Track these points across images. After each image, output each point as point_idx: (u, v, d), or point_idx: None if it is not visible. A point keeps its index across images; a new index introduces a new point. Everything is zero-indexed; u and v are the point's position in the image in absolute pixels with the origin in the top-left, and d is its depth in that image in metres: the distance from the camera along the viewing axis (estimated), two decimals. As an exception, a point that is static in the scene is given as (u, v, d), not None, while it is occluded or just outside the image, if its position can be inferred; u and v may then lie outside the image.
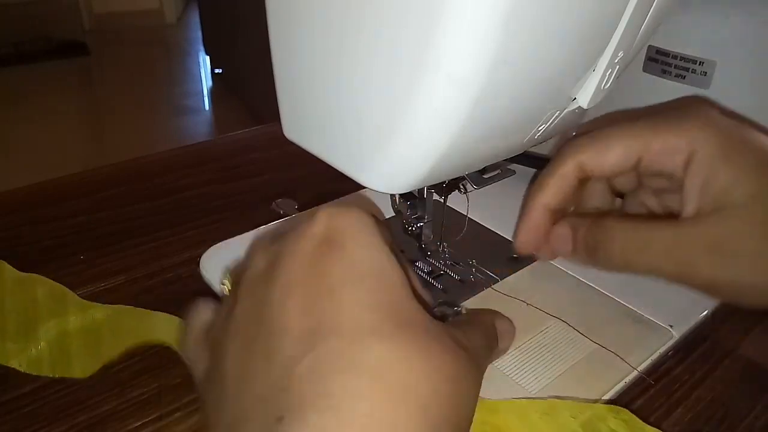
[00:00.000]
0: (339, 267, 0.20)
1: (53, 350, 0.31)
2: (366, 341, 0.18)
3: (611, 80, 0.26)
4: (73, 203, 0.45)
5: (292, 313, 0.20)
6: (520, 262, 0.37)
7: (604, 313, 0.33)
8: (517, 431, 0.25)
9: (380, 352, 0.18)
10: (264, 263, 0.22)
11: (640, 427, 0.25)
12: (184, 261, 0.38)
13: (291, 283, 0.20)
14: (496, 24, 0.19)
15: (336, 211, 0.22)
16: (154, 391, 0.29)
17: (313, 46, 0.24)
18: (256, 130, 0.59)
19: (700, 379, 0.30)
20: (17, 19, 2.90)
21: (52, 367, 0.30)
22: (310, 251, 0.21)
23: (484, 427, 0.25)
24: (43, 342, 0.31)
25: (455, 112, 0.21)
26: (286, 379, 0.18)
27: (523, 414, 0.26)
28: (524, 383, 0.28)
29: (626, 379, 0.29)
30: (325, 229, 0.21)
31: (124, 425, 0.27)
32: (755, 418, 0.28)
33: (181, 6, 3.71)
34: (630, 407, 0.28)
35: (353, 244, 0.21)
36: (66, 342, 0.31)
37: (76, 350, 0.31)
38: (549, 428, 0.25)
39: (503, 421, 0.25)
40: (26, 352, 0.30)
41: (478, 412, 0.23)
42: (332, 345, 0.18)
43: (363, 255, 0.21)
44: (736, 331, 0.33)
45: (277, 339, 0.19)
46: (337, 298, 0.20)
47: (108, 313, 0.33)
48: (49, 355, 0.30)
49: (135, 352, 0.31)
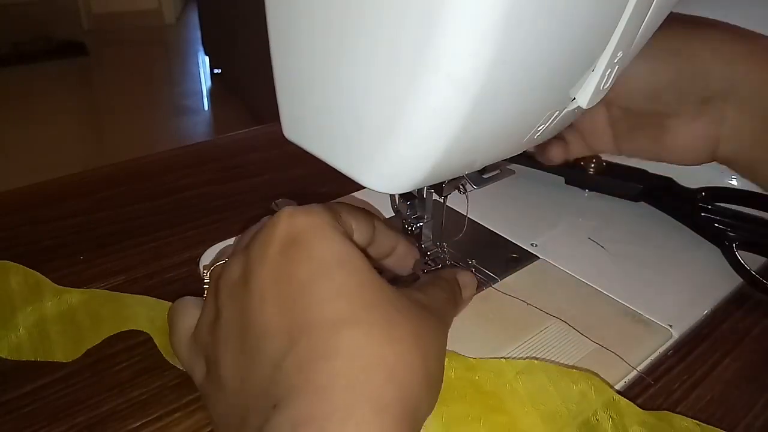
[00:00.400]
0: (305, 265, 0.22)
1: (33, 336, 0.31)
2: (337, 329, 0.21)
3: (611, 80, 0.26)
4: (73, 203, 0.45)
5: (271, 317, 0.22)
6: (519, 262, 0.37)
7: (603, 313, 0.33)
8: (493, 388, 0.26)
9: (350, 336, 0.20)
10: (238, 269, 0.24)
11: (607, 390, 0.27)
12: (184, 261, 0.38)
13: (264, 289, 0.22)
14: (495, 24, 0.19)
15: (295, 212, 0.23)
16: (154, 391, 0.29)
17: (313, 46, 0.24)
18: (256, 130, 0.59)
19: (700, 379, 0.30)
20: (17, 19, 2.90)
21: (34, 351, 0.30)
22: (277, 255, 0.22)
23: (461, 383, 0.26)
24: (22, 328, 0.31)
25: (455, 112, 0.21)
26: (276, 374, 0.21)
27: (500, 371, 0.27)
28: (524, 383, 0.28)
29: (626, 378, 0.29)
30: (287, 230, 0.23)
31: (124, 425, 0.27)
32: (754, 417, 0.28)
33: (180, 6, 3.70)
34: (629, 407, 0.28)
35: (315, 240, 0.23)
36: (45, 327, 0.32)
37: (56, 336, 0.31)
38: (524, 387, 0.26)
39: (481, 377, 0.27)
40: (6, 339, 0.31)
41: (456, 370, 0.25)
42: (310, 339, 0.21)
43: (325, 249, 0.22)
44: (736, 331, 0.33)
45: (263, 342, 0.21)
46: (308, 295, 0.21)
47: (83, 299, 0.33)
48: (29, 340, 0.31)
49: (136, 351, 0.31)
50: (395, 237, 0.29)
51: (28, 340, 0.31)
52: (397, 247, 0.30)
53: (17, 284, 0.34)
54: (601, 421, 0.26)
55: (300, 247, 0.22)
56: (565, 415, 0.26)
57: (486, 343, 0.30)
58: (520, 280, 0.35)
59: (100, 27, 3.31)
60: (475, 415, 0.25)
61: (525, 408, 0.26)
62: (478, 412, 0.25)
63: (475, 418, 0.25)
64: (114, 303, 0.33)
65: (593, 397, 0.26)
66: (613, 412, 0.26)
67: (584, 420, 0.26)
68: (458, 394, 0.26)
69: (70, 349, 0.30)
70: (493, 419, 0.25)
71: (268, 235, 0.23)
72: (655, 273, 0.37)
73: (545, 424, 0.25)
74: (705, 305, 0.34)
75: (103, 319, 0.32)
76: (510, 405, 0.26)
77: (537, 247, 0.38)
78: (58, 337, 0.31)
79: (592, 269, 0.36)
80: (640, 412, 0.26)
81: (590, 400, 0.26)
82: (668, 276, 0.36)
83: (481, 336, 0.31)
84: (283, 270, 0.22)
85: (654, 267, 0.37)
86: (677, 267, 0.37)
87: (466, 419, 0.25)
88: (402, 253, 0.30)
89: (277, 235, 0.23)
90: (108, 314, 0.32)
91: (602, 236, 0.40)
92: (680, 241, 0.40)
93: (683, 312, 0.33)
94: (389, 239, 0.29)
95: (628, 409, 0.26)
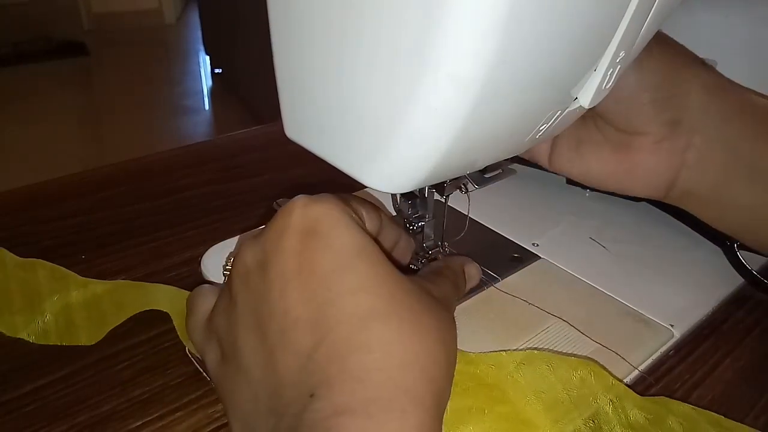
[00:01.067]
0: (326, 256, 0.22)
1: (59, 321, 0.32)
2: (366, 323, 0.21)
3: (612, 80, 0.26)
4: (73, 203, 0.45)
5: (294, 307, 0.22)
6: (520, 262, 0.37)
7: (604, 313, 0.33)
8: (494, 380, 0.27)
9: (381, 330, 0.21)
10: (252, 259, 0.23)
11: (606, 375, 0.27)
12: (184, 261, 0.38)
13: (286, 280, 0.22)
14: (496, 24, 0.19)
15: (309, 201, 0.23)
16: (156, 390, 0.29)
17: (315, 45, 0.24)
18: (256, 130, 0.59)
19: (701, 379, 0.30)
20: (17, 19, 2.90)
21: (60, 336, 0.32)
22: (295, 246, 0.22)
23: (462, 377, 0.26)
24: (49, 314, 0.32)
25: (456, 112, 0.21)
26: (309, 364, 0.21)
27: (500, 364, 0.27)
28: (525, 383, 0.28)
29: (627, 378, 0.29)
30: (302, 221, 0.23)
31: (125, 425, 0.27)
32: (755, 417, 0.28)
33: (181, 6, 3.71)
34: (631, 407, 0.28)
35: (333, 230, 0.22)
36: (71, 314, 0.33)
37: (81, 321, 0.32)
38: (525, 378, 0.27)
39: (482, 370, 0.27)
40: (33, 324, 0.32)
41: (457, 364, 0.25)
42: (340, 333, 0.21)
43: (344, 240, 0.22)
44: (737, 331, 0.33)
45: (288, 333, 0.22)
46: (332, 286, 0.21)
47: (108, 288, 0.35)
48: (55, 326, 0.32)
49: (138, 350, 0.31)
50: (398, 230, 0.30)
51: (55, 325, 0.32)
52: (399, 241, 0.30)
53: (44, 277, 0.35)
54: (602, 405, 0.26)
55: (319, 237, 0.22)
56: (566, 401, 0.26)
57: (488, 343, 0.30)
58: (521, 279, 0.35)
59: (101, 27, 3.31)
60: (479, 407, 0.25)
61: (527, 397, 0.26)
62: (482, 403, 0.26)
63: (478, 410, 0.25)
64: (137, 290, 0.35)
65: (593, 383, 0.27)
66: (613, 396, 0.26)
67: (586, 405, 0.26)
68: (460, 388, 0.26)
69: (93, 333, 0.32)
70: (497, 410, 0.26)
71: (283, 224, 0.23)
72: (656, 273, 0.37)
73: (548, 411, 0.26)
74: (706, 305, 0.34)
75: (126, 304, 0.33)
76: (512, 395, 0.26)
77: (538, 247, 0.38)
78: (83, 321, 0.32)
79: (593, 269, 0.36)
80: (639, 398, 0.27)
81: (590, 386, 0.26)
82: (669, 276, 0.36)
83: (482, 335, 0.31)
84: (304, 260, 0.22)
85: (655, 267, 0.37)
86: (678, 267, 0.37)
87: (470, 411, 0.25)
88: (403, 247, 0.30)
89: (293, 224, 0.23)
90: (130, 300, 0.34)
91: (604, 236, 0.40)
92: (682, 240, 0.39)
93: (684, 312, 0.33)
94: (394, 232, 0.29)
95: (626, 393, 0.27)
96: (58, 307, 0.33)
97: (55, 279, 0.35)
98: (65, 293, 0.34)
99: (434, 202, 0.34)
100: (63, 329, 0.32)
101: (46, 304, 0.33)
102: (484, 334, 0.31)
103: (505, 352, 0.28)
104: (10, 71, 2.75)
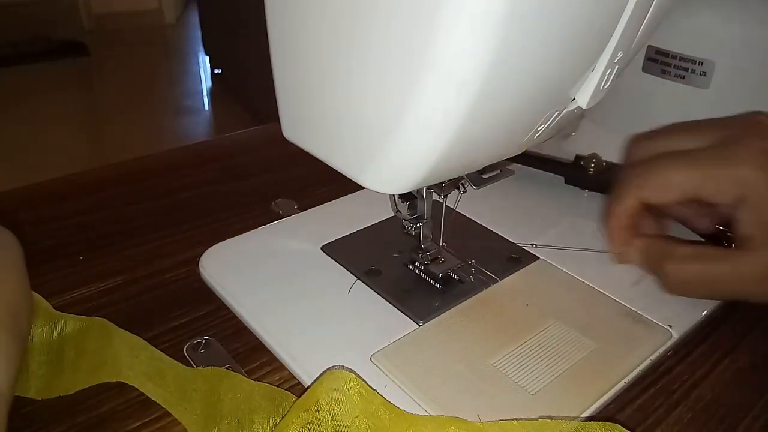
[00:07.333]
0: None
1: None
2: None
3: (610, 80, 0.26)
4: (73, 203, 0.45)
5: None
6: (519, 263, 0.37)
7: (603, 313, 0.33)
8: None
9: None
10: None
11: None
12: (184, 261, 0.38)
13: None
14: (495, 24, 0.19)
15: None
16: (154, 391, 0.29)
17: (313, 46, 0.24)
18: (256, 130, 0.59)
19: (700, 379, 0.30)
20: (17, 19, 2.90)
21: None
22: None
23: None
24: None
25: (454, 112, 0.21)
26: None
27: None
28: (524, 383, 0.28)
29: (626, 378, 0.29)
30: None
31: (124, 425, 0.27)
32: (754, 418, 0.28)
33: (181, 6, 3.70)
34: (630, 407, 0.28)
35: None
36: (27, 357, 0.29)
37: (36, 369, 0.29)
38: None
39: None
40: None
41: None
42: None
43: None
44: (736, 331, 0.33)
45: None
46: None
47: (79, 326, 0.31)
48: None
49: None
50: None
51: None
52: None
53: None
54: None
55: None
56: None
57: (486, 344, 0.30)
58: (519, 280, 0.35)
59: (101, 27, 3.31)
60: None
61: None
62: None
63: None
64: (102, 336, 0.30)
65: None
66: None
67: None
68: None
69: (44, 388, 0.28)
70: None
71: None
72: (655, 273, 0.37)
73: None
74: (705, 305, 0.34)
75: (86, 355, 0.29)
76: None
77: (537, 248, 0.38)
78: (38, 369, 0.29)
79: (592, 269, 0.36)
80: None
81: None
82: (668, 276, 0.36)
83: (481, 337, 0.31)
84: None
85: (654, 267, 0.37)
86: (677, 267, 0.37)
87: None
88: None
89: None
90: (93, 350, 0.30)
91: (602, 236, 0.40)
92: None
93: (683, 312, 0.33)
94: None
95: None
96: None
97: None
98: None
99: (432, 203, 0.34)
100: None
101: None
102: (482, 336, 0.31)
103: (517, 422, 0.25)
104: (10, 71, 2.75)
